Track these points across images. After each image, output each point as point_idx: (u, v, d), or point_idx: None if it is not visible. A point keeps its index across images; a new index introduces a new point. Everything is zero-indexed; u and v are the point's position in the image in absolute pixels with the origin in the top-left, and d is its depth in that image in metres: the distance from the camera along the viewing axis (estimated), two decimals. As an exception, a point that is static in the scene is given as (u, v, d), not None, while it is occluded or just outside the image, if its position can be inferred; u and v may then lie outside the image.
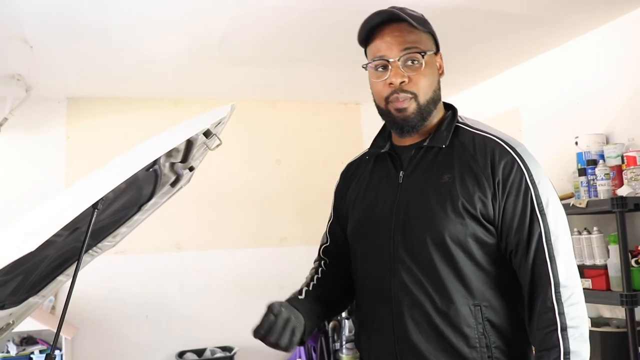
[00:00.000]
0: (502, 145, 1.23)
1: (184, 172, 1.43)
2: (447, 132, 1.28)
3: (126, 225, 1.57)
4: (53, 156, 4.03)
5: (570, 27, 3.08)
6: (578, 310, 1.15)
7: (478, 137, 1.26)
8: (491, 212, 1.20)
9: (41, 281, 1.43)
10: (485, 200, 1.19)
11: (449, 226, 1.19)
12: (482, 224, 1.20)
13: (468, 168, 1.22)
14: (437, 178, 1.24)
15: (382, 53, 1.25)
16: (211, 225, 4.32)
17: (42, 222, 0.68)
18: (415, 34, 1.25)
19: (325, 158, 4.59)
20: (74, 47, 3.07)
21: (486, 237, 1.21)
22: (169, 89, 4.05)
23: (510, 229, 1.19)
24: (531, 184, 1.19)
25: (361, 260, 1.35)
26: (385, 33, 1.25)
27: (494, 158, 1.21)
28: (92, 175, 0.78)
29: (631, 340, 2.45)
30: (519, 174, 1.19)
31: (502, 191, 1.19)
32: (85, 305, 3.88)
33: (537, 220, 1.17)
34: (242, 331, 4.26)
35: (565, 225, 1.20)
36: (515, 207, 1.18)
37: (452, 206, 1.20)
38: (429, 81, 1.26)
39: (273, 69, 3.69)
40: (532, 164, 1.21)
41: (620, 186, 2.68)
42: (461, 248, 1.20)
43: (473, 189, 1.20)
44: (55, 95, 4.05)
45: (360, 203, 1.38)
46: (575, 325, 1.13)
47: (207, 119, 1.05)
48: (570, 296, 1.14)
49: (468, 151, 1.24)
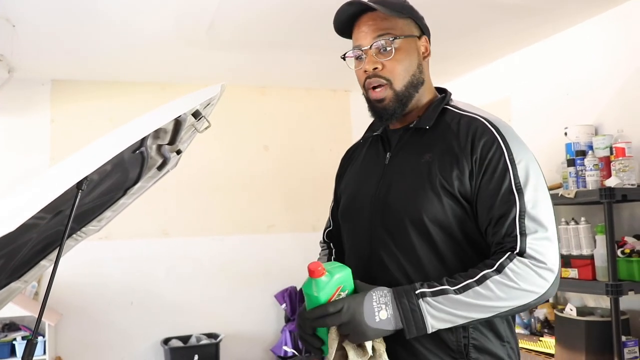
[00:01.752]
0: (485, 124, 1.21)
1: (171, 155, 1.40)
2: (434, 114, 1.28)
3: (111, 209, 1.54)
4: (37, 140, 3.96)
5: (562, 17, 3.07)
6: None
7: (464, 117, 1.25)
8: (468, 190, 1.17)
9: (23, 266, 1.40)
10: (462, 178, 1.17)
11: (426, 205, 1.18)
12: (459, 202, 1.18)
13: (449, 147, 1.21)
14: (418, 158, 1.24)
15: (358, 42, 1.28)
16: (198, 212, 4.29)
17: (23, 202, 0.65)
18: (390, 20, 1.25)
19: (314, 145, 4.57)
20: (59, 27, 3.00)
21: (464, 216, 1.18)
22: (156, 72, 3.99)
23: (484, 207, 1.16)
24: (510, 163, 1.15)
25: (347, 241, 1.37)
26: (361, 22, 1.28)
27: (474, 136, 1.19)
28: (76, 154, 0.75)
29: (615, 329, 2.47)
30: (498, 153, 1.16)
31: (479, 169, 1.17)
32: (70, 291, 3.84)
33: (514, 200, 1.13)
34: (228, 318, 4.32)
35: (546, 207, 1.14)
36: (489, 185, 1.15)
37: (430, 185, 1.19)
38: (403, 66, 1.26)
39: (262, 54, 3.64)
40: (515, 145, 1.18)
41: (609, 177, 2.69)
42: (440, 227, 1.18)
43: (451, 167, 1.18)
44: (39, 77, 3.97)
45: (350, 186, 1.40)
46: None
47: (196, 99, 1.02)
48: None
49: (452, 131, 1.23)
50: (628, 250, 2.58)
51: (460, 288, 1.08)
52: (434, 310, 1.07)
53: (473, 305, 1.08)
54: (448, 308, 1.08)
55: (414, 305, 1.08)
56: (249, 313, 4.33)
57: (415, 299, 1.08)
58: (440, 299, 1.08)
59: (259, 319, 4.34)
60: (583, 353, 2.60)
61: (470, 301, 1.08)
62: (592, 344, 2.59)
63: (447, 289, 1.09)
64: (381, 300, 1.08)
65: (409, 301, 1.08)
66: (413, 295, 1.08)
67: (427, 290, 1.09)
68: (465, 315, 1.09)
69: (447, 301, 1.08)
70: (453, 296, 1.08)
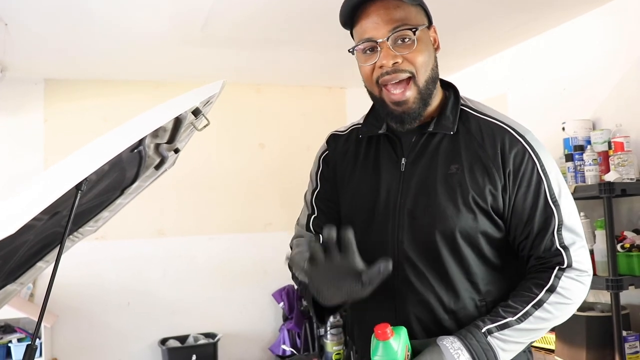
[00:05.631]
0: (511, 133, 1.16)
1: (168, 154, 1.38)
2: (454, 117, 1.19)
3: (108, 209, 1.51)
4: (30, 140, 3.92)
5: (558, 11, 3.06)
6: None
7: (484, 123, 1.19)
8: (501, 205, 1.14)
9: (19, 268, 1.37)
10: (495, 193, 1.13)
11: (459, 221, 1.13)
12: (491, 217, 1.15)
13: (477, 158, 1.15)
14: (444, 168, 1.17)
15: (369, 34, 1.14)
16: (194, 211, 4.26)
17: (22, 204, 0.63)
18: (403, 8, 1.13)
19: (310, 143, 4.53)
20: (52, 25, 2.96)
21: (494, 231, 1.16)
22: (150, 71, 3.96)
23: (520, 221, 1.14)
24: (543, 174, 1.14)
25: (359, 247, 1.28)
26: (371, 12, 1.14)
27: (504, 147, 1.14)
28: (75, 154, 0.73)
29: (616, 324, 2.47)
30: (531, 164, 1.14)
31: (513, 182, 1.13)
32: (66, 292, 3.81)
33: (552, 212, 1.12)
34: (226, 317, 4.29)
35: (577, 215, 1.16)
36: (526, 199, 1.13)
37: (463, 200, 1.13)
38: (425, 58, 1.15)
39: (257, 52, 3.62)
40: (543, 153, 1.16)
41: (607, 172, 2.69)
42: (470, 244, 1.14)
43: (483, 181, 1.13)
44: (32, 77, 3.92)
45: (358, 187, 1.27)
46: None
47: (197, 97, 1.00)
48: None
49: (475, 139, 1.17)
50: (628, 245, 2.57)
51: (521, 317, 1.09)
52: (503, 344, 1.08)
53: (535, 330, 1.10)
54: (515, 339, 1.09)
55: (484, 344, 1.06)
56: (247, 312, 4.31)
57: (483, 338, 1.07)
58: (507, 332, 1.08)
59: (256, 318, 4.32)
60: (584, 348, 2.60)
61: (533, 327, 1.09)
62: (592, 339, 2.59)
63: (510, 321, 1.08)
64: (455, 346, 1.06)
65: (479, 341, 1.06)
66: (480, 334, 1.07)
67: (492, 326, 1.08)
68: (527, 341, 1.11)
69: (513, 332, 1.08)
70: (517, 326, 1.08)
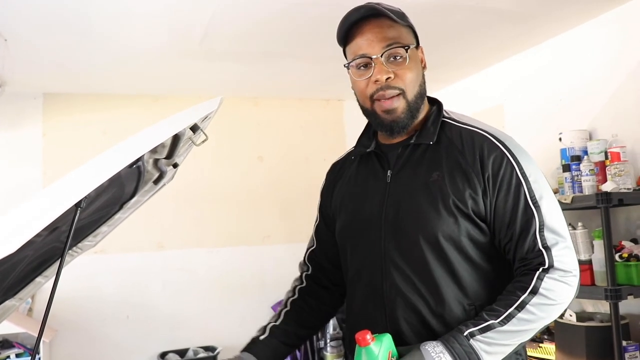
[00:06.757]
0: (490, 139, 1.20)
1: (167, 169, 1.38)
2: (434, 128, 1.25)
3: (107, 224, 1.52)
4: (29, 154, 3.92)
5: (554, 23, 3.09)
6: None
7: (465, 131, 1.24)
8: (482, 209, 1.17)
9: (19, 283, 1.37)
10: (475, 197, 1.17)
11: (441, 225, 1.17)
12: (474, 221, 1.18)
13: (457, 165, 1.20)
14: (425, 176, 1.21)
15: (364, 51, 1.21)
16: (193, 224, 4.26)
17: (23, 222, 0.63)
18: (396, 28, 1.22)
19: (308, 155, 4.55)
20: (51, 40, 2.98)
21: (479, 234, 1.18)
22: (148, 85, 3.97)
23: (502, 224, 1.17)
24: (522, 177, 1.16)
25: (351, 262, 1.32)
26: (365, 30, 1.21)
27: (482, 153, 1.18)
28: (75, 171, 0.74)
29: (615, 334, 2.47)
30: (510, 168, 1.17)
31: (492, 187, 1.17)
32: (65, 306, 3.79)
33: (532, 214, 1.14)
34: (225, 331, 4.28)
35: (560, 216, 1.17)
36: (507, 202, 1.16)
37: (443, 204, 1.17)
38: (414, 75, 1.23)
39: (255, 65, 3.64)
40: (523, 157, 1.19)
41: (604, 182, 2.70)
42: (455, 246, 1.17)
43: (463, 186, 1.17)
44: (31, 91, 3.94)
45: (348, 204, 1.35)
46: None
47: (195, 113, 1.01)
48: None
49: (456, 147, 1.22)
50: (626, 255, 2.58)
51: (504, 319, 1.10)
52: (487, 347, 1.09)
53: (519, 332, 1.11)
54: (499, 341, 1.09)
55: (467, 347, 1.08)
56: (246, 325, 4.28)
57: (466, 341, 1.08)
58: (490, 334, 1.09)
59: (256, 330, 4.30)
60: (584, 359, 2.59)
61: (516, 329, 1.10)
62: (592, 349, 2.58)
63: (493, 323, 1.10)
64: (437, 350, 1.07)
65: (461, 344, 1.08)
66: (462, 337, 1.08)
67: (475, 329, 1.09)
68: (513, 342, 1.12)
69: (497, 334, 1.09)
70: (500, 328, 1.09)
